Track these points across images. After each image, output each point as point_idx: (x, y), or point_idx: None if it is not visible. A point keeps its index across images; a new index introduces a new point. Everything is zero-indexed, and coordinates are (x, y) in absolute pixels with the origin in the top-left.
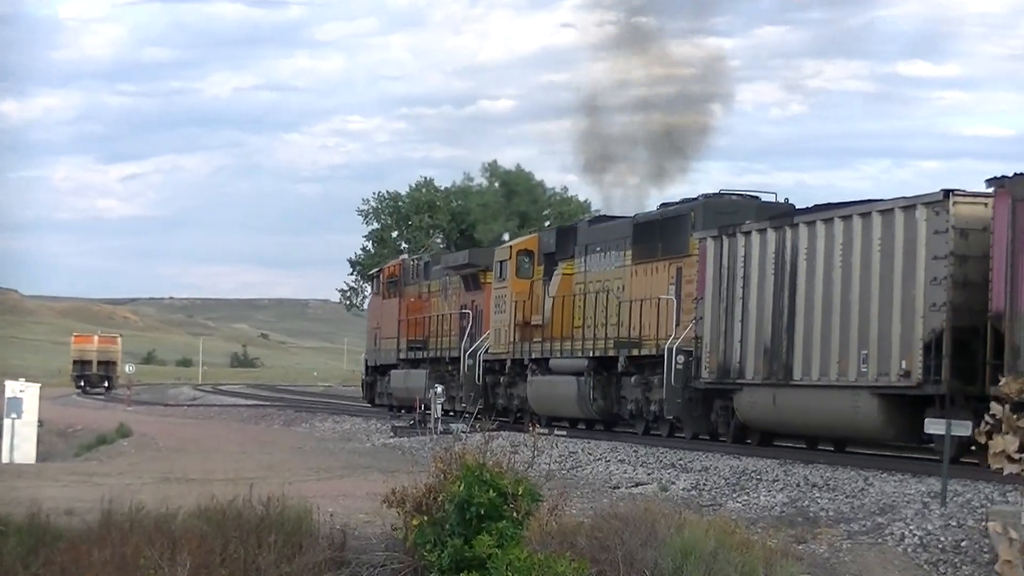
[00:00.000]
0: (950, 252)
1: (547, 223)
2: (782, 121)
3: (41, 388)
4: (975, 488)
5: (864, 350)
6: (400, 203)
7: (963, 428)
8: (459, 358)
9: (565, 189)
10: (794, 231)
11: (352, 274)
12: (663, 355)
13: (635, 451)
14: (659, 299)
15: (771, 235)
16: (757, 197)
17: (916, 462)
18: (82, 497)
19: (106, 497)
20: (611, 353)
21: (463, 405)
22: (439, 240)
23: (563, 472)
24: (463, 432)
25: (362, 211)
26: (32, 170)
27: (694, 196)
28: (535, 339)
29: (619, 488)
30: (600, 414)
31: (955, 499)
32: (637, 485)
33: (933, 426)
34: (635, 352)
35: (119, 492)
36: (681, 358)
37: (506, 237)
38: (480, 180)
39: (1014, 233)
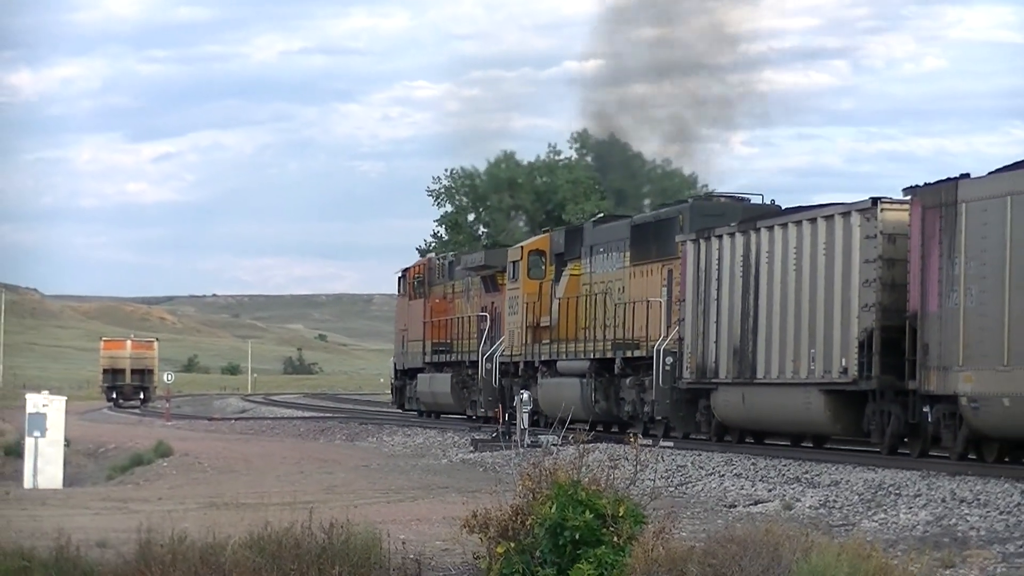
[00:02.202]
0: (879, 256)
1: (646, 201)
2: (916, 78)
3: (67, 402)
4: None
5: (812, 349)
6: (476, 181)
7: None
8: (478, 361)
9: (668, 162)
10: (757, 235)
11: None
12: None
13: (753, 464)
14: (649, 301)
15: (739, 239)
16: (745, 199)
17: None
18: (116, 527)
19: (144, 526)
20: (609, 355)
21: (482, 410)
22: (522, 223)
23: (670, 489)
24: (554, 445)
25: (433, 191)
26: (51, 151)
27: (685, 199)
28: (544, 341)
29: (736, 507)
30: (603, 416)
31: None
32: (756, 503)
33: None
34: (630, 354)
35: (158, 520)
36: (670, 359)
37: None
38: (568, 153)
39: (924, 239)
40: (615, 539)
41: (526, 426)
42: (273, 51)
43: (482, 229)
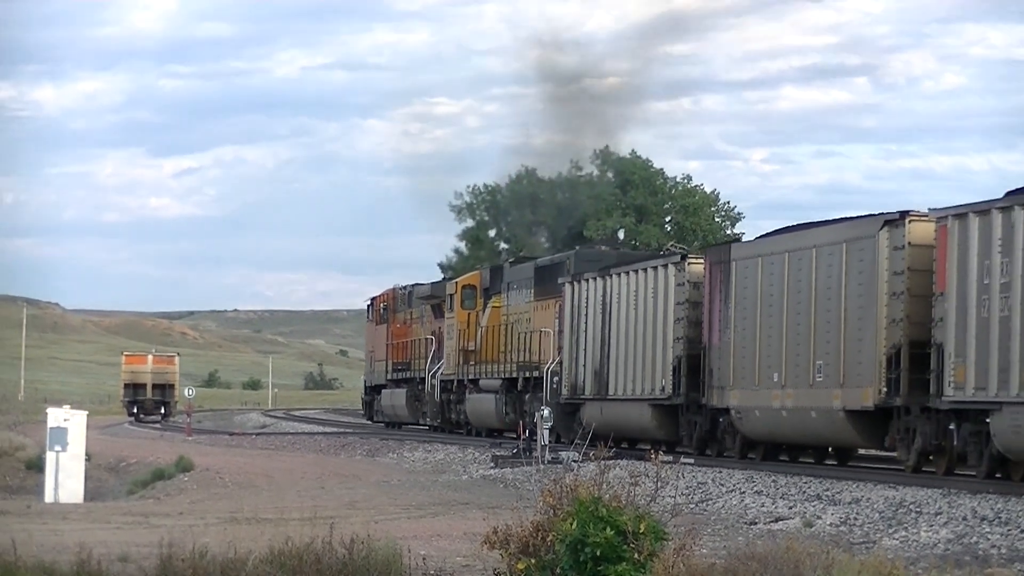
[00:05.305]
0: (686, 299)
1: (667, 218)
2: (937, 96)
3: (88, 416)
4: None
5: (644, 371)
6: (498, 197)
7: None
8: (426, 378)
9: (688, 178)
10: (611, 279)
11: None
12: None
13: (774, 481)
14: (543, 331)
15: (599, 282)
16: (619, 247)
17: None
18: (137, 541)
19: (165, 540)
20: (515, 375)
21: (428, 420)
22: (543, 239)
23: (691, 506)
24: (574, 461)
25: (455, 207)
26: (74, 165)
27: (572, 248)
28: (471, 362)
29: (756, 524)
30: (511, 425)
31: None
32: (777, 520)
33: None
34: (529, 374)
35: (179, 535)
36: (556, 379)
37: (621, 234)
38: (590, 169)
39: (711, 287)
40: (636, 556)
41: (546, 442)
42: (295, 67)
43: (503, 245)
